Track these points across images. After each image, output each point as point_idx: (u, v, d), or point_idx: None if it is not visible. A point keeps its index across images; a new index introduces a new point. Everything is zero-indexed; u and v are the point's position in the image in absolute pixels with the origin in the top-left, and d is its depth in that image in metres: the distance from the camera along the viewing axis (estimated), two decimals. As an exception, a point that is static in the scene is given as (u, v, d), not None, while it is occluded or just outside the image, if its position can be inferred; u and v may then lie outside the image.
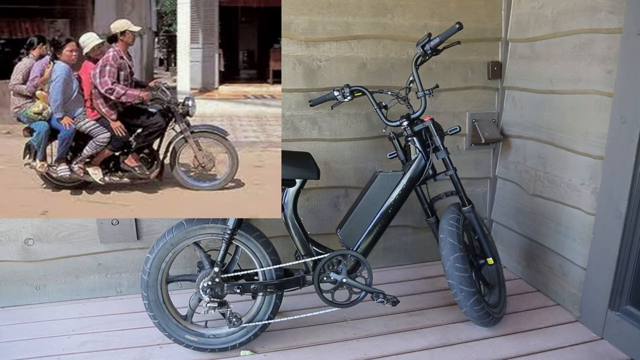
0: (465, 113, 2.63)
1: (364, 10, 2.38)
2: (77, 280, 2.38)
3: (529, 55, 2.39)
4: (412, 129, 1.99)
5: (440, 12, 2.47)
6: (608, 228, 1.92)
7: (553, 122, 2.25)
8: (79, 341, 2.03)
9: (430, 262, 2.76)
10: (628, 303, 1.90)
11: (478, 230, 2.09)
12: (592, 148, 2.02)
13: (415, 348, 1.95)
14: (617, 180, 1.87)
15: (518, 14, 2.47)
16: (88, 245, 2.34)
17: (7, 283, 2.31)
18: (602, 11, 1.92)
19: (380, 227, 1.98)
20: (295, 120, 2.42)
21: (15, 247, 2.28)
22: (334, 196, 2.56)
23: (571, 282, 2.18)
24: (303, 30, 2.33)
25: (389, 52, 2.45)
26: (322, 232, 2.55)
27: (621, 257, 1.88)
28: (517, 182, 2.55)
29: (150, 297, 1.85)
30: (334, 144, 2.50)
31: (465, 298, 1.93)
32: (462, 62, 2.56)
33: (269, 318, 1.93)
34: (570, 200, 2.16)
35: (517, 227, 2.57)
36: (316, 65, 2.38)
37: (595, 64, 1.97)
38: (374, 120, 2.50)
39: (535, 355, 1.89)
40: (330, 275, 1.94)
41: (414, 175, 1.98)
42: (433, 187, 2.33)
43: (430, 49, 1.89)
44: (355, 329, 2.09)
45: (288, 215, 1.89)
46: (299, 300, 2.33)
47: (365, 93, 2.04)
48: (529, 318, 2.16)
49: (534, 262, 2.45)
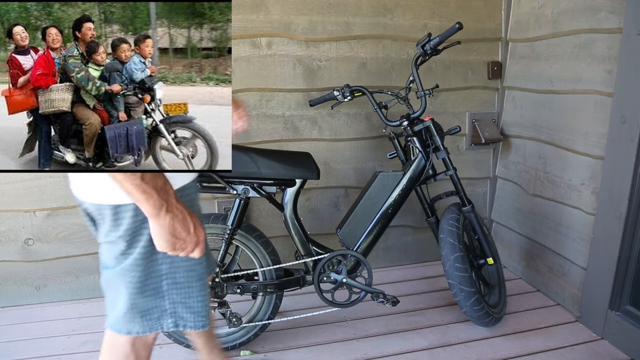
0: (465, 113, 2.63)
1: (364, 10, 2.37)
2: (77, 280, 2.38)
3: (529, 55, 2.39)
4: (412, 129, 1.99)
5: (440, 12, 2.47)
6: (608, 228, 1.92)
7: (553, 122, 2.25)
8: (79, 341, 2.03)
9: (430, 262, 2.76)
10: (628, 303, 1.90)
11: (478, 230, 2.09)
12: (592, 148, 2.02)
13: (415, 348, 1.95)
14: (617, 180, 1.87)
15: (518, 14, 2.47)
16: (88, 245, 2.34)
17: (7, 283, 2.31)
18: (602, 11, 1.92)
19: (380, 227, 1.98)
20: (295, 120, 2.42)
21: (15, 247, 2.28)
22: (334, 196, 2.56)
23: (571, 282, 2.18)
24: (303, 30, 2.33)
25: (389, 52, 2.45)
26: (322, 232, 2.55)
27: (621, 257, 1.88)
28: (517, 182, 2.55)
29: (150, 297, 1.84)
30: (334, 144, 2.49)
31: (465, 298, 1.93)
32: (462, 62, 2.56)
33: (269, 318, 1.93)
34: (571, 200, 2.16)
35: (517, 227, 2.57)
36: (316, 65, 2.38)
37: (595, 64, 1.97)
38: (374, 120, 2.50)
39: (535, 355, 1.89)
40: (330, 275, 1.93)
41: (414, 175, 1.98)
42: (433, 187, 2.32)
43: (430, 49, 1.89)
44: (355, 329, 2.09)
45: (288, 215, 1.89)
46: (299, 300, 2.33)
47: (365, 93, 2.04)
48: (529, 318, 2.16)
49: (534, 262, 2.45)
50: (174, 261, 1.08)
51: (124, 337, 1.12)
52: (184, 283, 1.11)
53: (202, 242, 1.01)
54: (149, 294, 1.09)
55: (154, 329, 1.12)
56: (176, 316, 1.13)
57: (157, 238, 0.95)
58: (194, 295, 1.13)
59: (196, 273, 1.13)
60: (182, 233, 0.96)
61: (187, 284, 1.11)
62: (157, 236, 0.94)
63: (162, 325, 1.13)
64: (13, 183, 2.21)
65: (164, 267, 1.08)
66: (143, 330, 1.11)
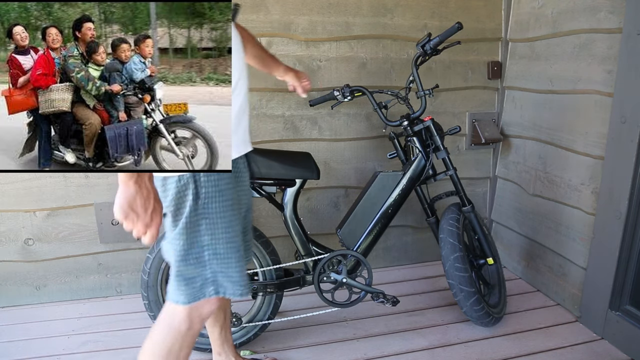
0: (465, 113, 2.63)
1: (364, 10, 2.37)
2: (77, 280, 2.38)
3: (529, 55, 2.39)
4: (412, 129, 1.99)
5: (440, 12, 2.47)
6: (608, 228, 1.92)
7: (553, 122, 2.25)
8: (79, 341, 2.03)
9: (430, 262, 2.76)
10: (628, 303, 1.90)
11: (478, 230, 2.09)
12: (592, 148, 2.02)
13: (415, 348, 1.95)
14: (617, 180, 1.87)
15: (518, 14, 2.47)
16: (88, 245, 2.34)
17: (7, 283, 2.31)
18: (602, 11, 1.92)
19: (380, 227, 1.98)
20: (295, 120, 2.42)
21: (15, 247, 2.28)
22: (334, 196, 2.56)
23: (571, 282, 2.18)
24: (303, 30, 2.33)
25: (388, 52, 2.45)
26: (322, 232, 2.55)
27: (621, 257, 1.88)
28: (517, 182, 2.55)
29: (150, 297, 1.85)
30: (334, 144, 2.50)
31: (465, 298, 1.93)
32: (462, 62, 2.56)
33: (269, 318, 1.93)
34: (571, 200, 2.16)
35: (517, 227, 2.57)
36: (316, 65, 2.38)
37: (595, 64, 1.97)
38: (374, 120, 2.50)
39: (535, 355, 1.89)
40: (330, 275, 1.94)
41: (414, 175, 1.98)
42: (433, 187, 2.32)
43: (430, 49, 1.89)
44: (355, 329, 2.09)
45: (288, 215, 1.89)
46: (299, 300, 2.33)
47: (365, 93, 2.04)
48: (529, 318, 2.16)
49: (534, 262, 2.45)
50: (214, 233, 1.19)
51: (180, 307, 1.23)
52: (224, 254, 1.21)
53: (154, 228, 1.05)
54: (192, 263, 1.20)
55: (198, 297, 1.22)
56: (217, 284, 1.23)
57: (116, 202, 1.01)
58: (232, 266, 1.23)
59: (235, 245, 1.23)
60: (139, 208, 1.02)
61: (226, 255, 1.22)
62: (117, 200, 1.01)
63: (205, 293, 1.23)
64: (13, 183, 2.21)
65: (205, 238, 1.19)
66: (188, 299, 1.21)
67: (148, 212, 1.03)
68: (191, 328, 1.26)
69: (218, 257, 1.21)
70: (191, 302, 1.22)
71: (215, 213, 1.19)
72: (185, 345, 1.26)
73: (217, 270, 1.22)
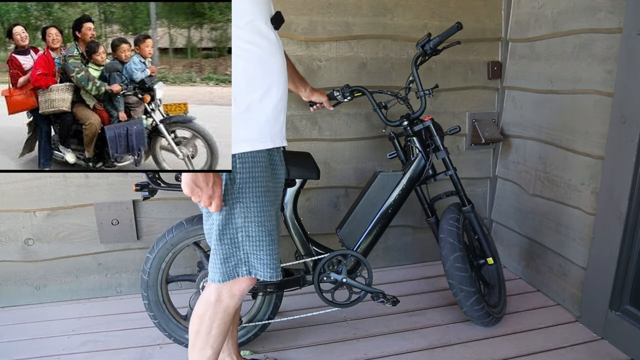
0: (465, 113, 2.63)
1: (364, 10, 2.37)
2: (77, 280, 2.38)
3: (529, 55, 2.39)
4: (412, 129, 1.99)
5: (440, 12, 2.47)
6: (608, 228, 1.92)
7: (553, 122, 2.25)
8: (79, 341, 2.03)
9: (430, 262, 2.76)
10: (628, 303, 1.90)
11: (478, 230, 2.09)
12: (592, 148, 2.02)
13: (415, 348, 1.95)
14: (617, 180, 1.87)
15: (518, 14, 2.47)
16: (88, 245, 2.34)
17: (7, 283, 2.31)
18: (602, 11, 1.92)
19: (380, 227, 1.98)
20: (295, 120, 2.42)
21: (15, 247, 2.28)
22: (334, 196, 2.56)
23: (571, 282, 2.18)
24: (303, 30, 2.33)
25: (388, 52, 2.45)
26: (322, 232, 2.55)
27: (621, 257, 1.88)
28: (517, 182, 2.55)
29: (150, 297, 1.85)
30: (334, 144, 2.50)
31: (465, 298, 1.93)
32: (462, 62, 2.56)
33: (269, 318, 1.93)
34: (571, 200, 2.16)
35: (517, 227, 2.57)
36: (316, 65, 2.38)
37: (595, 64, 1.97)
38: (374, 120, 2.50)
39: (535, 355, 1.89)
40: (330, 275, 1.93)
41: (414, 175, 1.98)
42: (433, 187, 2.32)
43: (430, 49, 1.89)
44: (355, 329, 2.09)
45: (288, 215, 1.89)
46: (299, 300, 2.33)
47: (365, 93, 2.04)
48: (529, 318, 2.16)
49: (534, 262, 2.45)
50: (247, 216, 1.27)
51: (214, 284, 1.34)
52: (256, 236, 1.29)
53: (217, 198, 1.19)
54: (227, 243, 1.28)
55: (232, 276, 1.32)
56: (249, 265, 1.32)
57: (183, 180, 1.15)
58: (263, 249, 1.30)
59: (266, 229, 1.30)
60: (202, 183, 1.15)
61: (258, 238, 1.29)
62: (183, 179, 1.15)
63: (238, 272, 1.32)
64: (13, 183, 2.21)
65: (239, 220, 1.27)
66: (223, 277, 1.31)
67: (209, 185, 1.16)
68: (219, 300, 1.35)
69: (250, 239, 1.29)
70: (225, 281, 1.31)
71: (249, 197, 1.26)
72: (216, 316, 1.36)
73: (249, 251, 1.30)
